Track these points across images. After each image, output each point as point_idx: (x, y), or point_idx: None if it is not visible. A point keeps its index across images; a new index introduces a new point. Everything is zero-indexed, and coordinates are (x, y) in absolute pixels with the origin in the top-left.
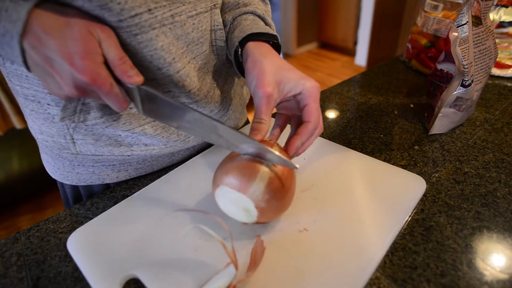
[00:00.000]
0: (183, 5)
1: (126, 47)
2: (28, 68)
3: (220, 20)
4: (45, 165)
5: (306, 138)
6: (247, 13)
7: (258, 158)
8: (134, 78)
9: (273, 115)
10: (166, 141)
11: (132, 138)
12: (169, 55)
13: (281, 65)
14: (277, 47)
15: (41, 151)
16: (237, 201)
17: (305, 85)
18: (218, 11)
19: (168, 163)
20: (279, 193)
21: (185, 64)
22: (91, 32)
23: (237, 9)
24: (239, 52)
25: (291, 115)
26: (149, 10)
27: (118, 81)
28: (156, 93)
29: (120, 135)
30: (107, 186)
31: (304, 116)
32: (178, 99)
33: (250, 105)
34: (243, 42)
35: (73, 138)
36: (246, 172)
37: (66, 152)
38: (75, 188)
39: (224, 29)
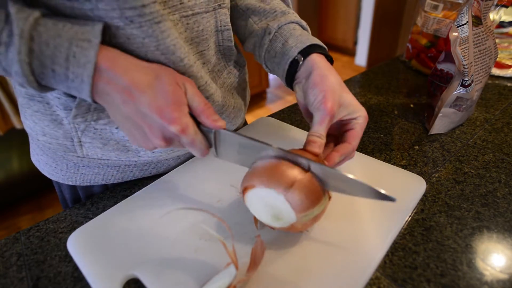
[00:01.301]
0: (180, 3)
1: (148, 39)
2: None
3: (228, 20)
4: (40, 167)
5: (344, 158)
6: (294, 22)
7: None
8: (218, 122)
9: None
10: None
11: None
12: (186, 45)
13: (343, 87)
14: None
15: (38, 152)
16: (277, 209)
17: (361, 113)
18: (225, 11)
19: (173, 165)
20: (317, 220)
21: (195, 59)
22: (178, 83)
23: (279, 17)
24: (301, 62)
25: (328, 134)
26: (160, 2)
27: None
28: (236, 134)
29: (128, 141)
30: (106, 187)
31: (348, 137)
32: None
33: (250, 105)
34: (302, 52)
35: (80, 141)
36: (312, 196)
37: (71, 155)
38: (73, 189)
39: (265, 36)
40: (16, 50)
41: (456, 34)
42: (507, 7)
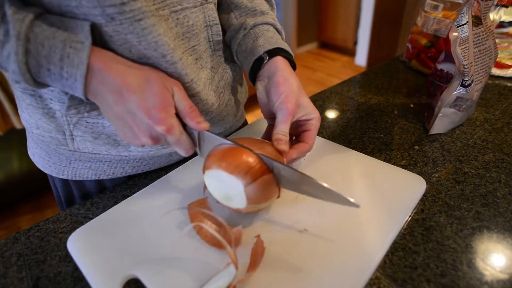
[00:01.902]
0: None
1: (130, 35)
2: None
3: (215, 15)
4: (35, 160)
5: (301, 156)
6: (269, 24)
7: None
8: (202, 124)
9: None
10: None
11: None
12: (171, 41)
13: (301, 90)
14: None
15: (33, 145)
16: (232, 192)
17: (316, 115)
18: (212, 6)
19: (165, 162)
20: (270, 197)
21: (181, 55)
22: (166, 86)
23: (257, 16)
24: (265, 61)
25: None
26: None
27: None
28: (217, 137)
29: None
30: (99, 182)
31: (305, 138)
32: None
33: (248, 105)
34: (269, 53)
35: (72, 135)
36: (268, 194)
37: (63, 148)
38: (66, 183)
39: (240, 31)
40: (14, 51)
41: (456, 34)
42: (507, 7)
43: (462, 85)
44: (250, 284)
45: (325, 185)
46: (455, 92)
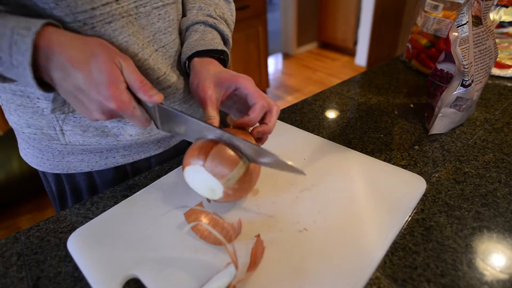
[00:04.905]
0: None
1: (102, 37)
2: (44, 90)
3: (181, 8)
4: (28, 160)
5: (256, 117)
6: (199, 22)
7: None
8: (155, 97)
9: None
10: (149, 129)
11: (118, 129)
12: (140, 41)
13: (218, 70)
14: (225, 61)
15: (25, 146)
16: (207, 181)
17: (238, 80)
18: (180, 0)
19: (154, 150)
20: (246, 184)
21: (152, 52)
22: (114, 61)
23: (193, 14)
24: (186, 66)
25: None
26: (116, 0)
27: (138, 101)
28: (172, 109)
29: (106, 126)
30: (90, 177)
31: (250, 102)
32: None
33: None
34: (191, 57)
35: (62, 129)
36: (226, 161)
37: (55, 143)
38: (58, 178)
39: (180, 35)
40: None
41: (456, 34)
42: (507, 7)
43: (462, 85)
44: (250, 284)
45: (265, 149)
46: (455, 92)
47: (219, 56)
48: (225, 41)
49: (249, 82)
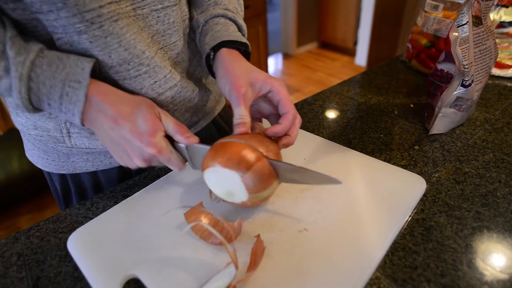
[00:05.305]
0: None
1: (110, 37)
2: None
3: (187, 9)
4: (34, 161)
5: (287, 127)
6: (219, 16)
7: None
8: (191, 138)
9: None
10: None
11: None
12: (144, 39)
13: (250, 68)
14: (246, 55)
15: (30, 147)
16: (234, 188)
17: (273, 83)
18: (184, 1)
19: None
20: (266, 201)
21: (156, 50)
22: (154, 112)
23: (210, 9)
24: (211, 57)
25: (266, 117)
26: (117, 1)
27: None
28: (207, 146)
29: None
30: (95, 177)
31: (281, 109)
32: (154, 85)
33: None
34: (216, 47)
35: (69, 132)
36: (264, 182)
37: (61, 145)
38: (63, 178)
39: (196, 29)
40: (17, 89)
41: (456, 34)
42: (507, 7)
43: (462, 85)
44: (250, 284)
45: (309, 168)
46: (455, 92)
47: (243, 49)
48: (243, 35)
49: (283, 87)
